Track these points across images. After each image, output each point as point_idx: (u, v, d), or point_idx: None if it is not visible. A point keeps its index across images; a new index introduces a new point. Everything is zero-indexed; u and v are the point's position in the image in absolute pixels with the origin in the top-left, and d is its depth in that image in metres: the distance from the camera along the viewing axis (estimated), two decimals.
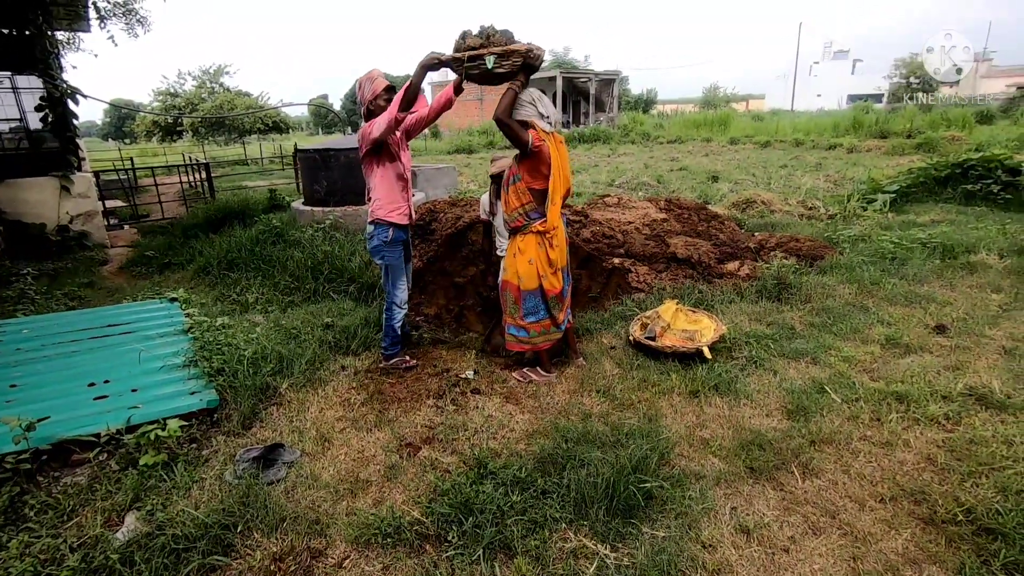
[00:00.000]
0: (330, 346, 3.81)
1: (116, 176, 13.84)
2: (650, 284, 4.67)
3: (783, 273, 4.56)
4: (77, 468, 2.59)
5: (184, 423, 2.82)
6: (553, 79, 32.06)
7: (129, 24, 11.35)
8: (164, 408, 2.89)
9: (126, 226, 9.20)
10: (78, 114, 7.74)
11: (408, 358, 3.64)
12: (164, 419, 2.78)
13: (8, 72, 7.77)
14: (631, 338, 3.70)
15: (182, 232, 7.39)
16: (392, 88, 3.29)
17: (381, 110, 3.22)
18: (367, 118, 3.31)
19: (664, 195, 8.40)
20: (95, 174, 8.53)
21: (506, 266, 3.36)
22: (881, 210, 7.62)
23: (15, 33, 7.10)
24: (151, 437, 2.63)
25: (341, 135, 37.35)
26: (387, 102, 3.23)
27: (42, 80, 7.27)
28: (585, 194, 9.80)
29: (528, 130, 3.01)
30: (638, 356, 3.54)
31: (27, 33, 7.12)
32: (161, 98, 32.10)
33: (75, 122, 7.73)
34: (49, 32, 7.51)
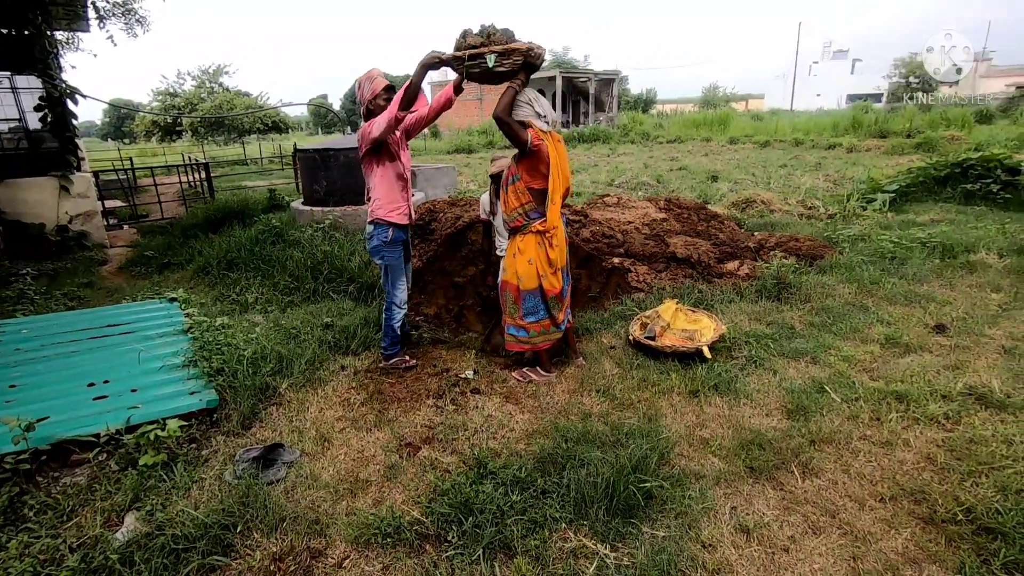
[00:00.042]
0: (330, 346, 3.81)
1: (115, 176, 13.83)
2: (650, 284, 4.67)
3: (783, 273, 4.56)
4: (76, 468, 2.59)
5: (184, 423, 2.82)
6: (553, 79, 32.07)
7: (128, 24, 11.34)
8: (164, 408, 2.89)
9: (125, 226, 9.19)
10: (77, 114, 7.75)
11: (408, 358, 3.64)
12: (164, 419, 2.78)
13: (7, 72, 7.77)
14: (631, 338, 3.70)
15: (181, 232, 7.39)
16: (392, 87, 3.29)
17: (381, 110, 3.21)
18: (367, 118, 3.31)
19: (664, 195, 8.39)
20: (94, 174, 8.52)
21: (505, 266, 3.35)
22: (881, 210, 7.62)
23: (14, 33, 7.10)
24: (151, 437, 2.63)
25: (340, 135, 37.32)
26: (387, 101, 3.23)
27: (41, 80, 7.26)
28: (585, 194, 9.81)
29: (527, 129, 3.01)
30: (638, 356, 3.54)
31: (26, 33, 7.12)
32: (160, 98, 32.11)
33: (74, 122, 7.73)
34: (48, 32, 7.50)
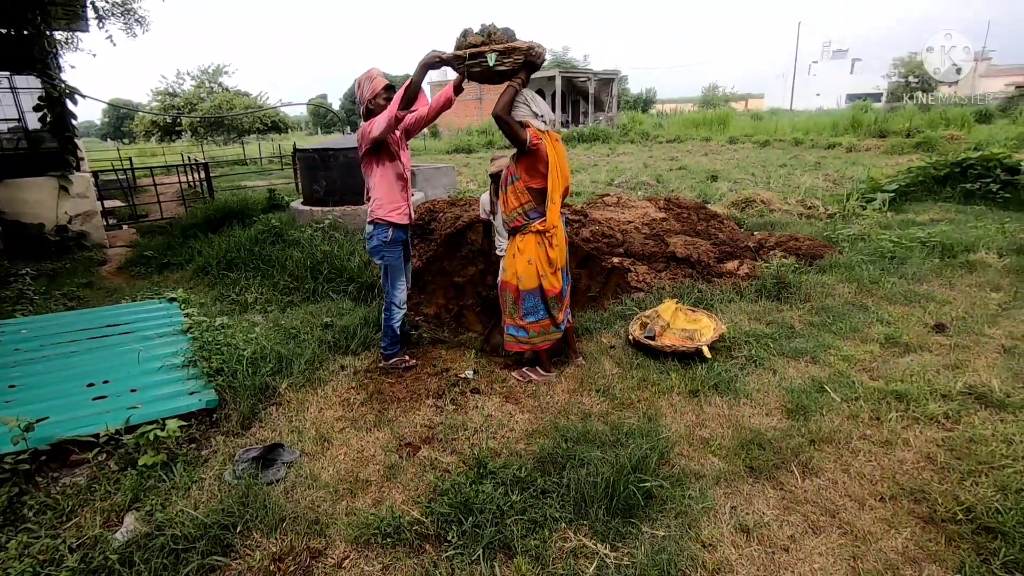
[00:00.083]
0: (329, 346, 3.80)
1: (115, 176, 13.81)
2: (649, 283, 4.67)
3: (782, 272, 4.56)
4: (76, 468, 2.58)
5: (183, 423, 2.82)
6: (552, 79, 32.08)
7: (127, 24, 11.34)
8: (163, 408, 2.89)
9: (125, 226, 9.18)
10: (76, 114, 7.72)
11: (407, 358, 3.64)
12: (163, 419, 2.78)
13: (6, 72, 7.77)
14: (630, 337, 3.70)
15: (181, 232, 7.38)
16: (391, 87, 3.29)
17: (380, 109, 3.21)
18: (366, 117, 3.30)
19: (663, 194, 8.39)
20: (94, 174, 8.50)
21: (505, 266, 3.35)
22: (880, 209, 7.62)
23: (13, 33, 7.09)
24: (150, 437, 2.63)
25: (340, 135, 37.31)
26: (386, 101, 3.22)
27: (40, 80, 7.25)
28: (584, 193, 9.80)
29: (525, 128, 3.01)
30: (637, 355, 3.54)
31: (25, 33, 7.11)
32: (160, 98, 32.08)
33: (73, 122, 7.72)
34: (47, 32, 7.49)
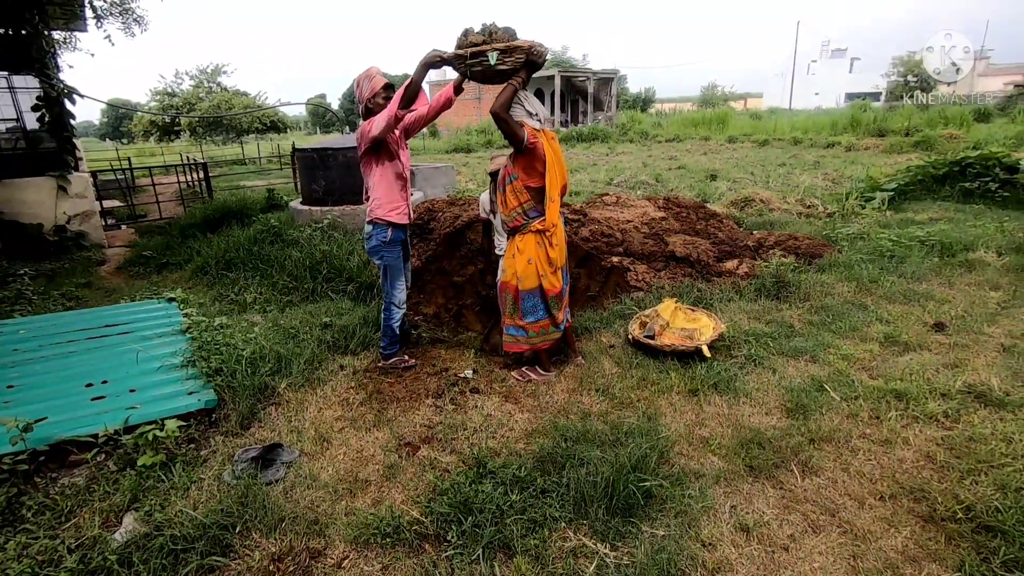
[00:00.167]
0: (328, 346, 3.80)
1: (113, 176, 13.79)
2: (649, 283, 4.67)
3: (782, 271, 4.56)
4: (75, 469, 2.58)
5: (182, 423, 2.81)
6: (551, 78, 32.07)
7: (126, 23, 11.28)
8: (162, 408, 2.88)
9: (123, 226, 9.17)
10: (75, 114, 7.71)
11: (407, 357, 3.63)
12: (162, 419, 2.77)
13: (5, 72, 7.76)
14: (630, 337, 3.70)
15: (180, 232, 7.38)
16: (391, 86, 3.28)
17: (380, 108, 3.20)
18: (366, 116, 3.30)
19: (662, 194, 8.39)
20: (92, 174, 8.50)
21: (504, 267, 3.35)
22: (879, 208, 7.62)
23: (11, 33, 7.07)
24: (149, 437, 2.62)
25: (339, 134, 37.25)
26: (386, 100, 3.21)
27: (39, 80, 7.24)
28: (584, 193, 9.80)
29: (523, 127, 3.01)
30: (637, 355, 3.54)
31: (23, 33, 7.09)
32: (159, 98, 32.08)
33: (72, 122, 7.70)
34: (45, 32, 7.47)
